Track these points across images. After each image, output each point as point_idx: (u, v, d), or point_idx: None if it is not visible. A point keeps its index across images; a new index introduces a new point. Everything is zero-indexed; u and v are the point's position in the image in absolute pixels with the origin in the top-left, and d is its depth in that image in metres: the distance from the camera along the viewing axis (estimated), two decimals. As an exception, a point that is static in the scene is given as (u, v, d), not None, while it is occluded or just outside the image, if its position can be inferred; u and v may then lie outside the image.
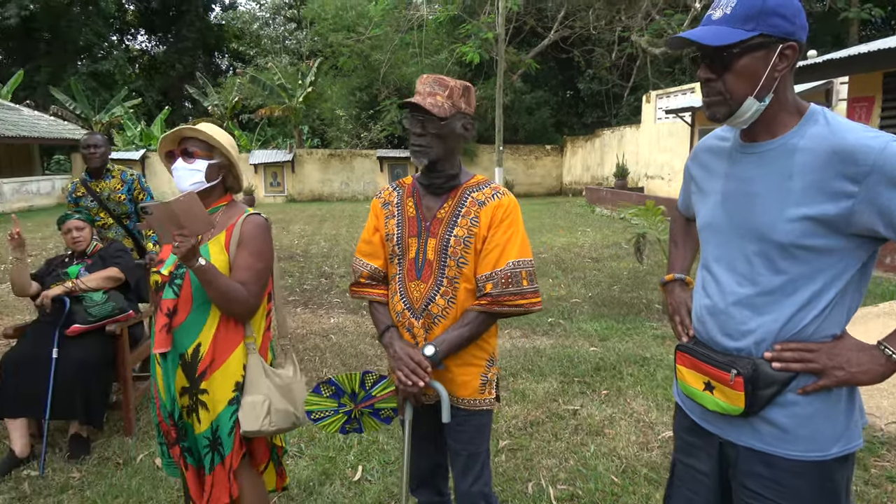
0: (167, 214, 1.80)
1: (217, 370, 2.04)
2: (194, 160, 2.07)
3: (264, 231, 2.12)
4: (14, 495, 2.98)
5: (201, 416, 2.06)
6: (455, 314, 1.87)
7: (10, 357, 3.31)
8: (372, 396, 1.98)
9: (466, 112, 1.88)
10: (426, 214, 1.92)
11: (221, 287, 1.96)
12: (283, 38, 34.33)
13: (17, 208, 17.65)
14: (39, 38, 28.95)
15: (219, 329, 2.04)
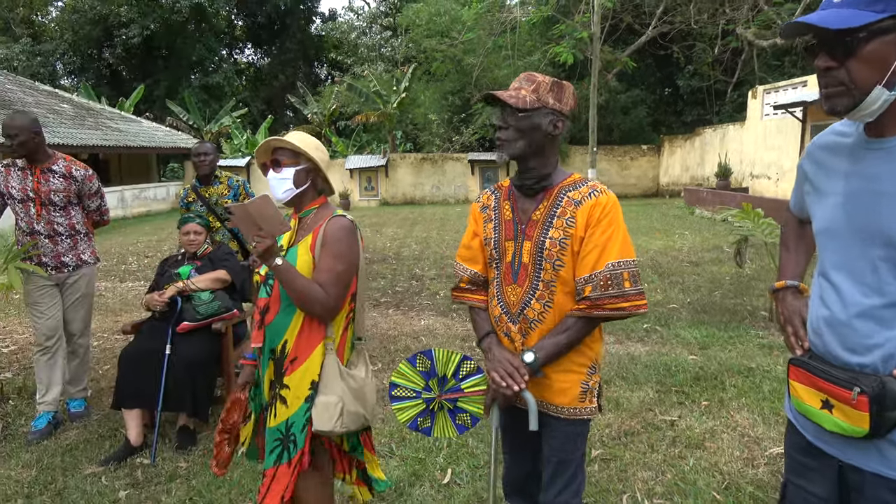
0: (246, 215, 1.89)
1: (298, 368, 2.08)
2: (282, 169, 2.13)
3: (347, 233, 2.12)
4: (129, 481, 3.20)
5: (278, 411, 2.10)
6: (553, 318, 1.83)
7: (127, 352, 3.56)
8: (460, 389, 1.95)
9: (555, 108, 1.80)
10: (521, 217, 1.89)
11: (298, 287, 1.98)
12: (379, 46, 35.22)
13: (136, 213, 19.12)
14: (158, 55, 31.26)
15: (302, 328, 2.08)
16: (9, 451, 3.54)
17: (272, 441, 2.11)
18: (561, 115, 1.82)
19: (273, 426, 2.11)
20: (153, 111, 28.44)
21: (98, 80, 31.21)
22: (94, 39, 30.50)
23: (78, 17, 29.85)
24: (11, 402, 4.20)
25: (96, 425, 3.88)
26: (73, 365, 4.05)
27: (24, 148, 3.64)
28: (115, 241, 12.95)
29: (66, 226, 3.83)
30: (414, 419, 1.99)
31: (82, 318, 4.03)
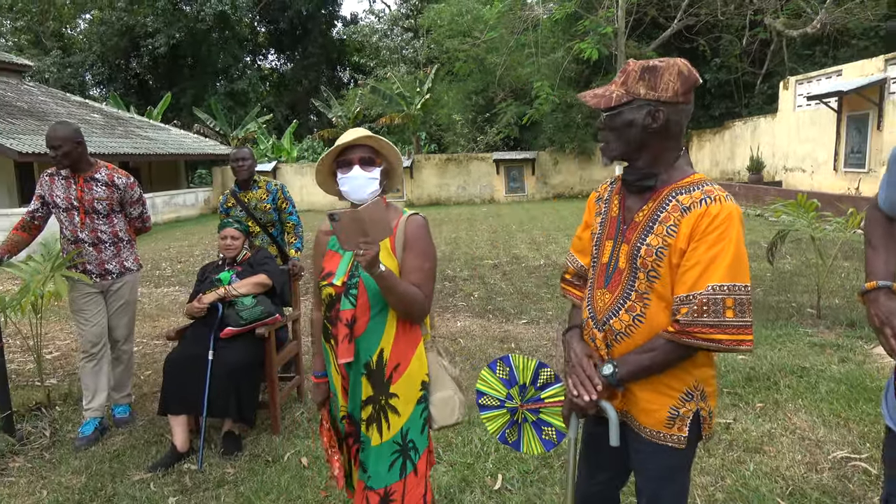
0: (354, 221, 1.78)
1: (405, 372, 2.02)
2: (373, 168, 2.05)
3: (427, 231, 2.09)
4: (177, 487, 3.19)
5: (391, 422, 2.01)
6: (643, 335, 1.64)
7: (172, 358, 3.56)
8: (540, 400, 1.87)
9: (649, 98, 1.58)
10: (626, 216, 1.71)
11: (401, 292, 1.93)
12: (401, 48, 35.30)
13: (167, 219, 19.37)
14: (184, 64, 31.70)
15: (398, 332, 2.02)
16: (58, 458, 3.56)
17: (388, 455, 2.02)
18: (660, 105, 1.58)
19: (388, 439, 2.02)
20: (180, 119, 28.84)
21: (126, 89, 31.76)
22: (121, 50, 31.04)
23: (105, 29, 30.40)
24: (58, 408, 4.23)
25: (141, 431, 3.89)
26: (117, 371, 4.07)
27: (68, 158, 3.66)
28: (148, 248, 13.11)
29: (109, 233, 3.85)
30: (502, 431, 1.92)
31: (126, 324, 4.05)
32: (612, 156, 1.68)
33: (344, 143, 2.05)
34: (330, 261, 2.11)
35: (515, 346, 5.33)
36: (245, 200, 4.41)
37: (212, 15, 29.38)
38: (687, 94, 1.61)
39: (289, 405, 4.19)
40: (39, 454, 3.61)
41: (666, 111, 1.59)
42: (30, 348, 4.42)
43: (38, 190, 3.81)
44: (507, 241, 11.69)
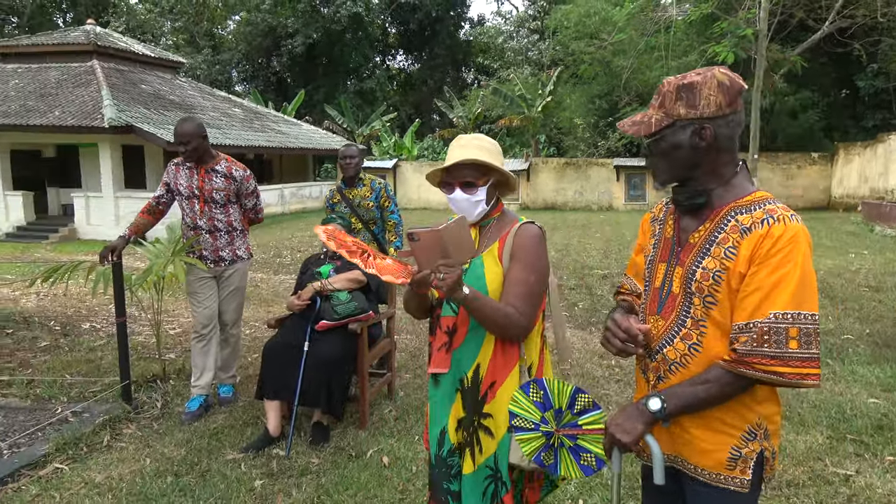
0: (434, 241, 1.66)
1: (499, 391, 1.87)
2: (476, 190, 1.92)
3: (538, 242, 1.93)
4: (264, 471, 3.31)
5: (484, 445, 1.89)
6: (699, 365, 1.50)
7: (269, 346, 3.71)
8: (577, 426, 1.74)
9: (691, 117, 1.48)
10: (681, 237, 1.59)
11: (489, 313, 1.79)
12: (526, 50, 35.13)
13: (293, 209, 20.49)
14: (319, 63, 33.42)
15: (496, 348, 1.88)
16: (165, 429, 3.82)
17: (483, 480, 1.89)
18: (705, 121, 1.48)
19: (481, 463, 1.89)
20: (312, 115, 30.41)
21: (266, 86, 33.96)
22: (264, 49, 33.23)
23: (251, 30, 32.67)
24: (172, 381, 4.55)
25: (240, 412, 4.09)
26: (224, 353, 4.31)
27: (196, 153, 3.92)
28: (272, 236, 13.92)
29: (225, 222, 4.08)
30: (538, 453, 1.78)
31: (235, 309, 4.27)
32: (663, 180, 1.58)
33: (446, 166, 1.94)
34: None
35: (616, 363, 5.08)
36: (350, 197, 4.52)
37: (347, 16, 30.73)
38: (733, 104, 1.49)
39: (378, 402, 4.25)
40: (149, 423, 3.90)
41: (713, 127, 1.49)
42: (154, 323, 4.79)
43: (164, 177, 4.11)
44: (621, 251, 11.24)
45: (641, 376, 1.66)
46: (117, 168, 15.13)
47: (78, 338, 5.73)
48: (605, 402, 4.26)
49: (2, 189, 15.60)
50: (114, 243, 3.87)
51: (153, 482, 3.17)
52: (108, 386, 4.36)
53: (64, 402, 4.21)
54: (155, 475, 3.25)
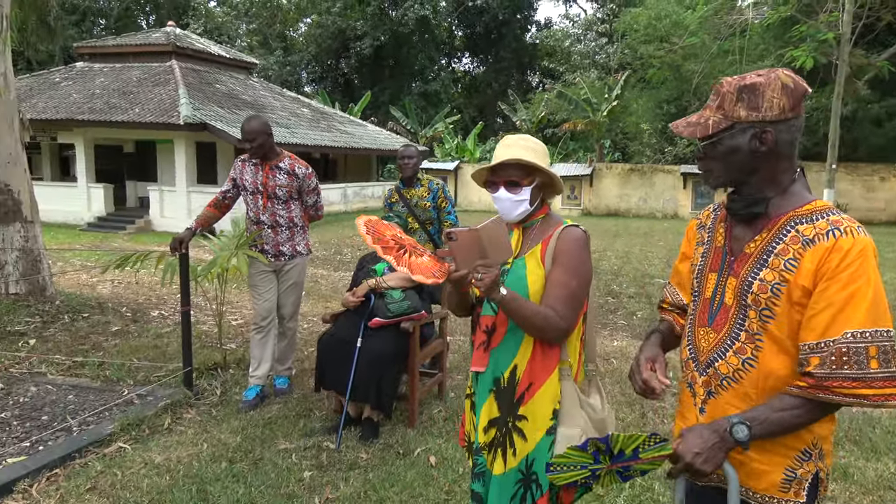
0: (472, 241, 1.66)
1: (536, 393, 1.85)
2: (520, 189, 1.90)
3: (581, 245, 1.90)
4: (314, 462, 3.38)
5: (517, 447, 1.86)
6: (753, 382, 1.44)
7: (323, 340, 3.79)
8: (637, 458, 1.65)
9: (752, 120, 1.42)
10: (734, 246, 1.52)
11: (528, 315, 1.78)
12: (593, 53, 34.64)
13: (355, 208, 20.85)
14: (385, 65, 33.95)
15: (535, 349, 1.85)
16: (223, 416, 3.95)
17: (512, 485, 1.86)
18: (766, 125, 1.41)
19: (513, 467, 1.86)
20: (377, 116, 30.91)
21: (334, 87, 34.74)
22: (333, 51, 34.03)
23: (321, 32, 33.51)
24: (231, 370, 4.71)
25: (295, 403, 4.19)
26: (281, 345, 4.42)
27: (261, 150, 4.04)
28: (334, 233, 14.21)
29: (286, 218, 4.19)
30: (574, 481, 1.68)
31: (293, 303, 4.38)
32: (716, 185, 1.51)
33: (490, 165, 1.94)
34: None
35: (674, 375, 4.93)
36: (407, 197, 4.56)
37: (414, 19, 31.11)
38: (796, 108, 1.42)
39: (428, 401, 4.26)
40: (208, 409, 4.04)
41: (774, 131, 1.42)
42: (216, 314, 4.97)
43: (231, 173, 4.25)
44: (684, 260, 10.91)
45: (687, 390, 1.59)
46: (191, 163, 15.78)
47: (146, 324, 6.00)
48: (661, 414, 4.15)
49: (86, 181, 16.53)
50: (181, 235, 4.04)
51: (209, 466, 3.29)
52: (171, 372, 4.55)
53: (130, 385, 4.42)
54: (210, 460, 3.36)
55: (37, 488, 3.06)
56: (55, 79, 18.21)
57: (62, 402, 4.11)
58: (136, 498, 2.98)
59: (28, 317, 5.63)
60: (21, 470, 3.16)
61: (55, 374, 4.63)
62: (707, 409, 1.52)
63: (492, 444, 1.90)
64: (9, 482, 3.05)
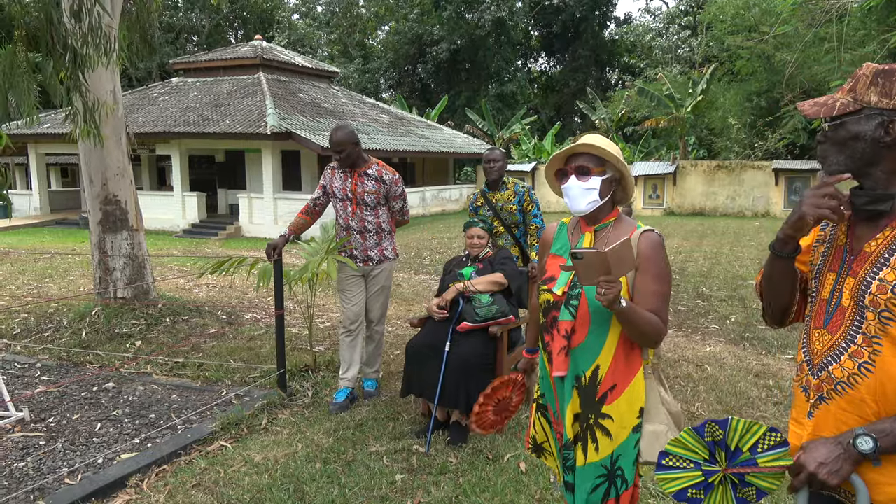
0: (597, 261, 1.71)
1: (622, 394, 1.89)
2: (589, 177, 1.94)
3: (663, 250, 1.94)
4: (405, 466, 3.40)
5: (600, 444, 1.91)
6: (871, 387, 1.36)
7: (412, 345, 3.82)
8: (754, 463, 1.56)
9: (883, 106, 1.34)
10: (854, 245, 1.45)
11: (642, 323, 1.82)
12: (675, 48, 33.49)
13: (433, 211, 21.05)
14: (461, 68, 34.12)
15: (618, 351, 1.89)
16: (314, 417, 4.06)
17: (594, 478, 1.93)
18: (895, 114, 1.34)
19: (595, 461, 1.92)
20: (453, 119, 31.10)
21: (411, 92, 35.23)
22: (410, 57, 34.52)
23: (399, 38, 34.08)
24: (321, 372, 4.83)
25: (383, 406, 4.24)
26: (369, 348, 4.50)
27: (349, 159, 4.14)
28: (413, 237, 14.39)
29: (374, 224, 4.26)
30: (684, 490, 1.62)
31: (380, 307, 4.45)
32: (832, 171, 1.42)
33: (562, 152, 2.00)
34: (553, 265, 2.04)
35: (774, 383, 4.67)
36: (493, 200, 4.53)
37: (490, 21, 31.11)
38: None
39: (516, 406, 4.22)
40: (301, 411, 4.16)
41: None
42: (306, 317, 5.12)
43: (321, 180, 4.37)
44: (780, 261, 10.35)
45: (801, 394, 1.50)
46: (277, 171, 16.40)
47: (240, 327, 6.26)
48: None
49: (181, 190, 17.48)
50: (275, 242, 4.18)
51: (304, 466, 3.38)
52: (265, 373, 4.72)
53: (228, 385, 4.62)
54: (305, 460, 3.45)
55: (147, 483, 3.24)
56: (153, 94, 19.38)
57: (167, 401, 4.34)
58: (239, 495, 3.10)
59: (134, 319, 5.99)
60: (133, 465, 3.35)
61: (160, 374, 4.90)
62: (816, 415, 1.45)
63: (576, 437, 1.96)
64: (122, 477, 3.24)
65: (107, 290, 6.22)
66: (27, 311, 6.92)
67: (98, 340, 5.63)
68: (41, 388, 4.58)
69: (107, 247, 6.20)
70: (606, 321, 1.89)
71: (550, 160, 2.05)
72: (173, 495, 3.12)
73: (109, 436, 3.80)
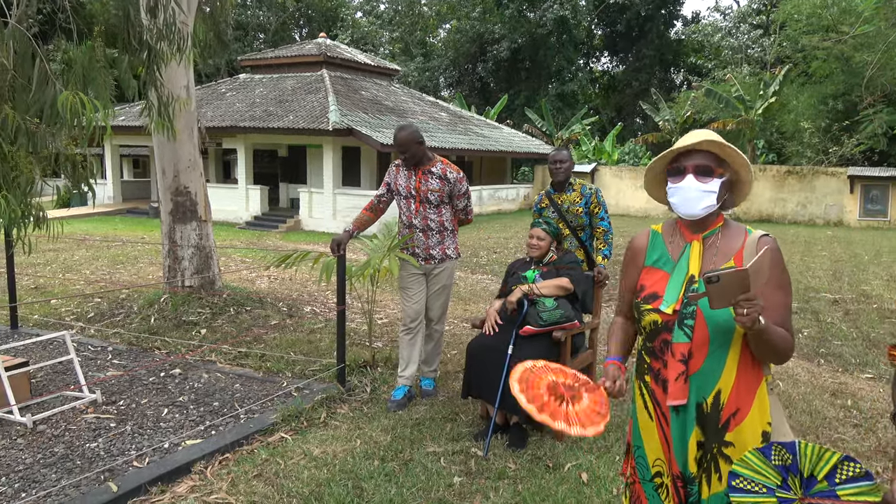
0: (739, 281, 1.53)
1: (744, 419, 1.72)
2: (710, 179, 1.75)
3: (782, 256, 1.76)
4: (463, 468, 3.36)
5: (723, 473, 1.73)
6: None
7: (473, 346, 3.77)
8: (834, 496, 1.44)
9: None
10: None
11: (776, 340, 1.64)
12: (746, 48, 32.32)
13: (489, 211, 20.95)
14: (521, 67, 33.86)
15: (739, 372, 1.72)
16: (373, 413, 4.06)
17: None
18: None
19: (719, 491, 1.75)
20: (512, 118, 30.89)
21: (470, 91, 35.19)
22: (470, 55, 34.47)
23: (460, 37, 34.07)
24: (379, 369, 4.84)
25: (440, 406, 4.21)
26: (428, 347, 4.48)
27: (413, 158, 4.13)
28: (470, 236, 14.34)
29: (437, 222, 4.23)
30: None
31: (440, 306, 4.42)
32: None
33: (680, 147, 1.79)
34: (651, 279, 1.86)
35: (852, 403, 4.41)
36: (558, 202, 4.44)
37: (552, 19, 30.74)
38: None
39: (576, 413, 4.11)
40: (360, 406, 4.17)
41: None
42: (365, 313, 5.14)
43: (386, 178, 4.37)
44: (855, 273, 9.82)
45: None
46: (337, 167, 16.64)
47: (301, 319, 6.35)
48: (841, 448, 3.70)
49: (245, 183, 17.96)
50: (339, 237, 4.21)
51: (362, 463, 3.38)
52: (325, 367, 4.76)
53: (289, 377, 4.68)
54: (364, 456, 3.45)
55: (210, 471, 3.30)
56: (222, 90, 19.97)
57: (230, 390, 4.44)
58: (298, 488, 3.12)
59: (200, 308, 6.16)
60: (197, 452, 3.43)
61: (223, 362, 5.02)
62: None
63: (704, 465, 1.78)
64: (187, 463, 3.32)
65: (175, 278, 6.41)
66: (100, 296, 7.22)
67: (166, 327, 5.81)
68: (112, 373, 4.75)
69: (176, 236, 6.40)
70: (727, 340, 1.71)
71: (662, 155, 1.84)
72: (235, 484, 3.17)
73: (175, 421, 3.90)
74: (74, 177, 4.22)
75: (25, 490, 3.07)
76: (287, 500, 3.03)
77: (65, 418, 3.89)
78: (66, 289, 7.90)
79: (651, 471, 1.90)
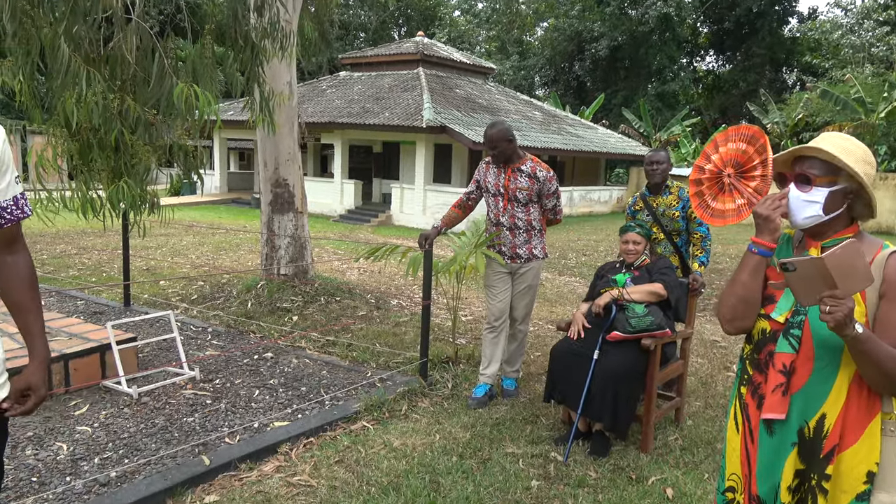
0: (816, 270, 1.44)
1: (846, 451, 1.57)
2: (811, 188, 1.64)
3: None
4: (541, 472, 3.30)
5: None
6: None
7: (558, 348, 3.68)
8: None
9: None
10: None
11: (884, 360, 1.47)
12: (870, 46, 29.92)
13: (581, 212, 20.55)
14: (620, 66, 32.95)
15: (850, 398, 1.57)
16: (453, 409, 4.07)
17: None
18: None
19: None
20: (609, 119, 30.14)
21: (566, 90, 34.64)
22: (567, 54, 33.92)
23: (557, 35, 33.59)
24: (461, 365, 4.84)
25: (521, 407, 4.16)
26: (511, 347, 4.43)
27: (502, 156, 4.10)
28: (559, 237, 14.12)
29: (524, 221, 4.18)
30: None
31: (525, 306, 4.36)
32: None
33: (785, 154, 1.70)
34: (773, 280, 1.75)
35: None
36: (654, 205, 4.27)
37: (655, 17, 29.69)
38: None
39: (663, 426, 3.95)
40: (440, 401, 4.19)
41: None
42: (450, 309, 5.16)
43: (475, 175, 4.36)
44: None
45: None
46: (429, 164, 16.85)
47: (387, 312, 6.47)
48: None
49: (340, 177, 18.53)
50: (428, 232, 4.24)
51: (440, 458, 3.39)
52: (408, 360, 4.82)
53: (373, 368, 4.78)
54: (442, 452, 3.46)
55: (295, 453, 3.42)
56: (322, 87, 20.70)
57: (317, 376, 4.58)
58: (377, 477, 3.17)
59: (293, 296, 6.40)
60: (284, 434, 3.55)
61: (312, 349, 5.19)
62: None
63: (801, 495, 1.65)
64: (274, 443, 3.45)
65: (272, 266, 6.70)
66: (204, 280, 7.66)
67: (261, 312, 6.08)
68: (211, 352, 5.02)
69: (274, 226, 6.68)
70: (836, 357, 1.57)
71: (774, 164, 1.76)
72: (318, 468, 3.26)
73: (265, 403, 4.07)
74: (186, 166, 4.48)
75: (128, 457, 3.30)
76: (366, 489, 3.08)
77: (166, 392, 4.14)
78: (174, 271, 8.45)
79: (725, 483, 1.80)
